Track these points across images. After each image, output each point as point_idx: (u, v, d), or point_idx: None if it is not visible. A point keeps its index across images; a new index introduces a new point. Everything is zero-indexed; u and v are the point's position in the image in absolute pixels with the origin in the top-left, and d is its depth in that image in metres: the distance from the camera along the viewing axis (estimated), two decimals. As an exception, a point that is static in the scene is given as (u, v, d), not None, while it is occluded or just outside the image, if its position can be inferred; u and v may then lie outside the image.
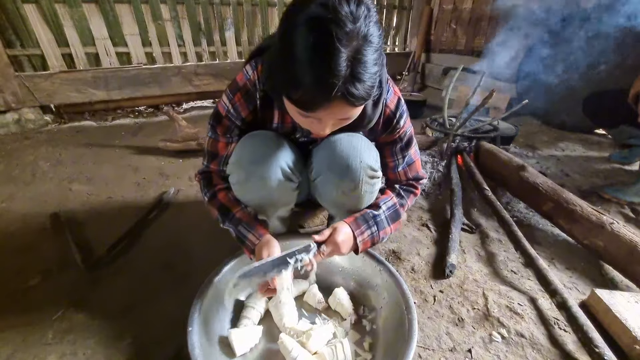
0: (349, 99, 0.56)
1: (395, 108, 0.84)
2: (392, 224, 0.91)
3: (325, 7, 0.51)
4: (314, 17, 0.52)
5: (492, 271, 1.15)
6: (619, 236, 1.08)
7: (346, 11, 0.51)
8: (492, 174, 1.64)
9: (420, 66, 4.01)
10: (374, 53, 0.56)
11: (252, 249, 0.82)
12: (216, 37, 3.08)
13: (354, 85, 0.55)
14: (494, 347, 0.87)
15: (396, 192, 0.95)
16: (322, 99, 0.56)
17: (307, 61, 0.53)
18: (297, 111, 0.62)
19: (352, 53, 0.53)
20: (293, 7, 0.56)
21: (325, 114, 0.61)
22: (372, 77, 0.57)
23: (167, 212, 1.48)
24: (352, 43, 0.53)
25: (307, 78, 0.54)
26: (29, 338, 0.87)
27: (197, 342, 0.71)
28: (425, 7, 3.82)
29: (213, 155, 0.89)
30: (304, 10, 0.53)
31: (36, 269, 1.11)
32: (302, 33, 0.53)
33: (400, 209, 0.93)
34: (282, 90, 0.63)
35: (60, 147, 2.18)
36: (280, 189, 0.86)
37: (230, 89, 0.81)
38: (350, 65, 0.53)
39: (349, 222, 0.84)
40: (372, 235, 0.86)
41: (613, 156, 2.13)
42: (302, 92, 0.57)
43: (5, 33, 2.31)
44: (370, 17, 0.54)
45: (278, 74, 0.61)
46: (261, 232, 0.83)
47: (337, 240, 0.79)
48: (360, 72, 0.54)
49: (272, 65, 0.65)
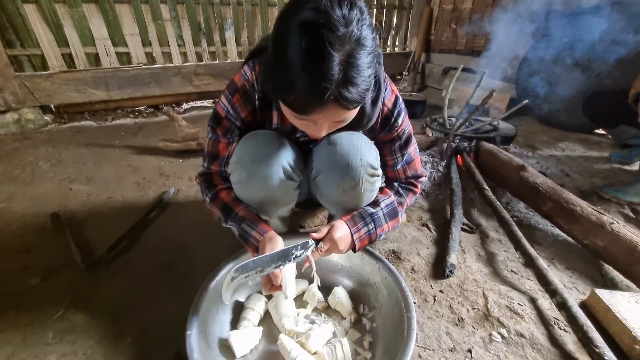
0: (342, 102, 0.56)
1: (393, 106, 0.85)
2: (390, 222, 0.91)
3: (317, 11, 0.51)
4: (306, 22, 0.52)
5: (492, 271, 1.15)
6: (619, 236, 1.08)
7: (338, 15, 0.51)
8: (492, 174, 1.64)
9: (420, 66, 4.01)
10: (367, 56, 0.56)
11: (255, 246, 0.82)
12: (216, 37, 3.08)
13: (347, 89, 0.55)
14: (494, 347, 0.87)
15: (394, 190, 0.96)
16: (315, 102, 0.57)
17: (299, 65, 0.53)
18: (292, 114, 0.63)
19: (345, 57, 0.53)
20: (286, 11, 0.56)
21: (320, 117, 0.61)
22: (365, 81, 0.57)
23: (167, 212, 1.48)
24: (345, 47, 0.53)
25: (300, 82, 0.55)
26: (29, 338, 0.87)
27: (195, 346, 0.71)
28: (425, 7, 3.82)
29: (214, 157, 0.89)
30: (297, 14, 0.53)
31: (36, 269, 1.11)
32: (295, 37, 0.53)
33: (398, 206, 0.93)
34: (276, 93, 0.63)
35: (60, 147, 2.18)
36: (282, 188, 0.86)
37: (229, 89, 0.81)
38: (342, 69, 0.53)
39: (346, 220, 0.85)
40: (369, 232, 0.86)
41: (613, 156, 2.12)
42: (295, 95, 0.57)
43: (5, 33, 2.31)
44: (363, 20, 0.54)
45: (272, 77, 0.62)
46: (265, 228, 0.83)
47: (334, 237, 0.79)
48: (353, 76, 0.54)
49: (267, 68, 0.65)
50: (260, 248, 0.80)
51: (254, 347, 0.82)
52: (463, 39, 3.58)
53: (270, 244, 0.79)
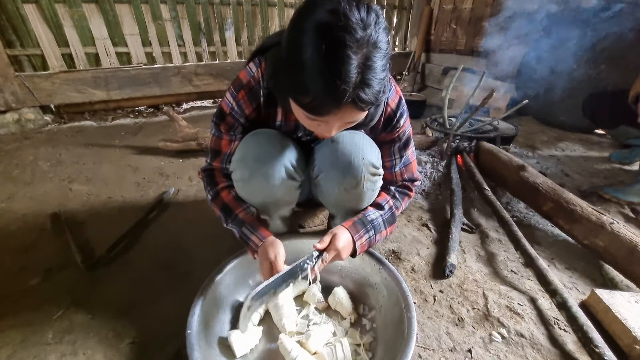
0: (358, 104, 0.57)
1: (396, 107, 0.85)
2: (389, 227, 0.91)
3: (335, 14, 0.51)
4: (324, 24, 0.52)
5: (492, 271, 1.15)
6: (619, 236, 1.08)
7: (357, 18, 0.52)
8: (492, 174, 1.64)
9: (420, 66, 4.01)
10: (383, 59, 0.56)
11: (255, 250, 0.83)
12: (216, 37, 3.08)
13: (364, 91, 0.55)
14: (494, 347, 0.87)
15: (391, 194, 0.96)
16: (332, 105, 0.57)
17: (317, 68, 0.54)
18: (305, 115, 0.63)
19: (362, 60, 0.54)
20: (301, 12, 0.56)
21: (334, 118, 0.62)
22: (380, 83, 0.57)
23: (167, 212, 1.48)
24: (363, 50, 0.53)
25: (317, 85, 0.55)
26: (29, 338, 0.87)
27: (196, 345, 0.71)
28: (425, 7, 3.82)
29: (216, 153, 0.89)
30: (312, 16, 0.53)
31: (36, 269, 1.11)
32: (312, 39, 0.53)
33: (395, 211, 0.94)
34: (289, 94, 0.63)
35: (60, 147, 2.18)
36: (284, 188, 0.86)
37: (234, 86, 0.81)
38: (360, 72, 0.54)
39: (348, 227, 0.84)
40: (370, 239, 0.87)
41: (613, 156, 2.13)
42: (312, 97, 0.57)
43: (5, 33, 2.31)
44: (380, 24, 0.55)
45: (285, 78, 0.61)
46: (264, 234, 0.84)
47: (338, 246, 0.79)
48: (369, 78, 0.55)
49: (278, 68, 0.65)
50: (261, 253, 0.81)
51: (254, 347, 0.82)
52: (463, 39, 3.58)
53: (272, 248, 0.80)
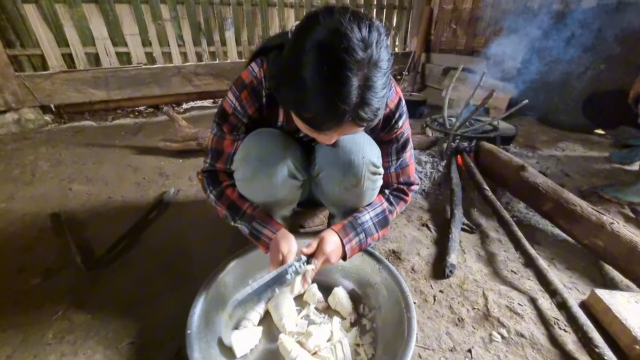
0: (357, 122, 0.58)
1: (396, 108, 0.85)
2: (381, 230, 0.91)
3: (336, 34, 0.51)
4: (324, 44, 0.52)
5: (492, 271, 1.15)
6: (619, 236, 1.08)
7: (358, 38, 0.52)
8: (492, 174, 1.64)
9: (420, 66, 4.01)
10: (383, 77, 0.57)
11: (267, 244, 0.82)
12: (216, 37, 3.08)
13: (363, 110, 0.56)
14: (494, 347, 0.87)
15: (386, 197, 0.95)
16: (331, 123, 0.58)
17: (318, 88, 0.54)
18: (305, 126, 0.64)
19: (363, 81, 0.54)
20: (302, 30, 0.56)
21: (333, 132, 0.63)
22: (380, 101, 0.58)
23: (167, 212, 1.48)
24: (363, 70, 0.53)
25: (318, 103, 0.55)
26: (29, 338, 0.87)
27: (196, 345, 0.71)
28: (425, 7, 3.82)
29: (218, 153, 0.89)
30: (313, 35, 0.53)
31: (36, 269, 1.11)
32: (312, 59, 0.53)
33: (389, 215, 0.93)
34: (290, 107, 0.64)
35: (60, 147, 2.18)
36: (286, 187, 0.86)
37: (236, 86, 0.81)
38: (360, 92, 0.54)
39: (337, 230, 0.84)
40: (360, 242, 0.86)
41: (613, 156, 2.12)
42: (312, 114, 0.58)
43: (5, 33, 2.31)
44: (381, 43, 0.55)
45: (286, 92, 0.62)
46: (277, 226, 0.84)
47: (326, 250, 0.79)
48: (369, 98, 0.56)
49: (279, 79, 0.65)
50: (274, 246, 0.80)
51: (254, 347, 0.82)
52: (463, 39, 3.58)
53: (285, 241, 0.80)
